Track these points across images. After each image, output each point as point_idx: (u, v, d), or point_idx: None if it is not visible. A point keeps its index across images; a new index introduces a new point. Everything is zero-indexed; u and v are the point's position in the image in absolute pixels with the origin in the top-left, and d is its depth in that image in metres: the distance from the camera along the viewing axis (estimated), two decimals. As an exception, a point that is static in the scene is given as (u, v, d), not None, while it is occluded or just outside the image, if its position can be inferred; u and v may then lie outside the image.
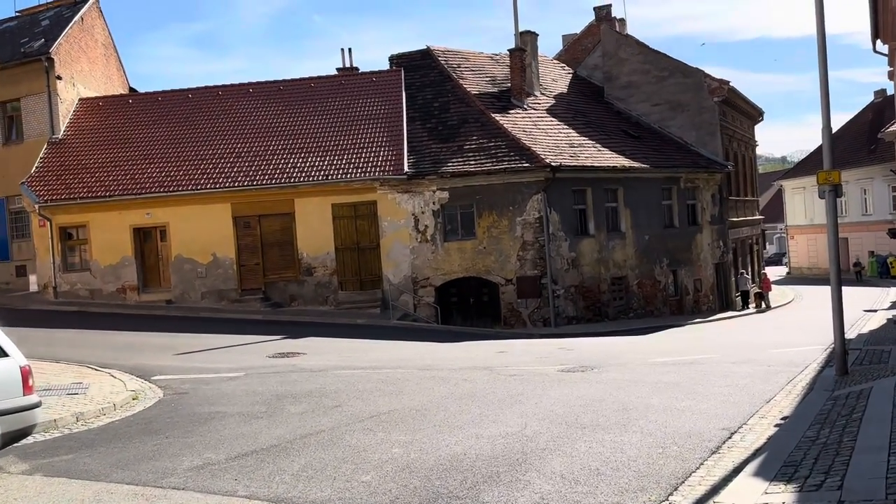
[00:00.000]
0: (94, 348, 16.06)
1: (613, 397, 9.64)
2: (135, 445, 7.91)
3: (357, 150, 24.20)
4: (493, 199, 23.25)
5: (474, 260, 23.39)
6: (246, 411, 9.69)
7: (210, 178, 24.20)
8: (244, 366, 13.89)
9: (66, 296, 25.08)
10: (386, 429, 8.19)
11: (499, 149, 23.80)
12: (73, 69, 29.45)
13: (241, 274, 24.05)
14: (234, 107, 27.50)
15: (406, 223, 23.44)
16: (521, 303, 23.33)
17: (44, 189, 25.01)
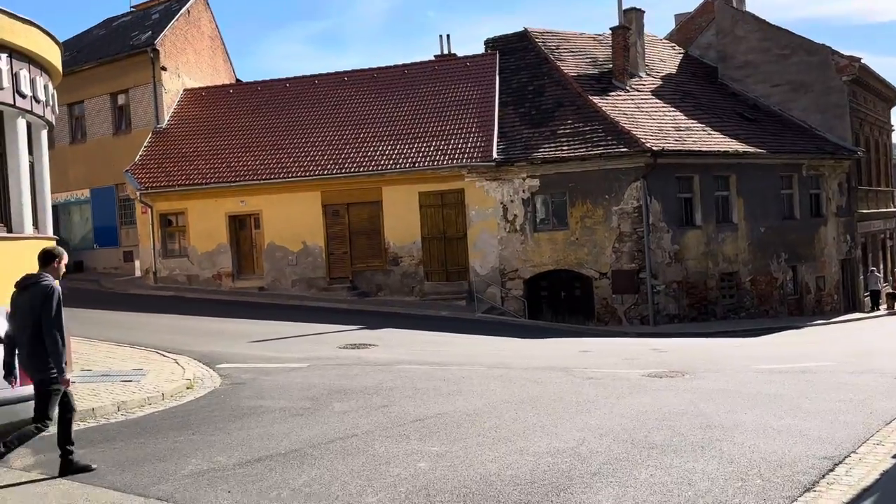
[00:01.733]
0: (175, 333, 16.08)
1: (698, 411, 8.28)
2: (154, 442, 7.36)
3: (446, 137, 23.38)
4: (587, 186, 21.82)
5: (566, 252, 22.06)
6: (290, 407, 9.04)
7: (301, 167, 24.09)
8: (312, 356, 13.37)
9: (165, 281, 25.73)
10: (423, 436, 7.26)
11: (595, 133, 22.33)
12: (178, 60, 30.25)
13: (329, 262, 23.82)
14: (329, 95, 27.36)
15: (494, 212, 22.41)
16: (616, 298, 21.82)
17: (146, 177, 25.72)
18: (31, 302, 5.78)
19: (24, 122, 10.40)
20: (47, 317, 5.70)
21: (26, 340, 5.79)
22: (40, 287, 5.82)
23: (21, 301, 5.90)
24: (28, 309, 5.78)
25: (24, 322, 5.81)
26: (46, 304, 5.72)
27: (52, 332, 5.68)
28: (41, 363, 5.73)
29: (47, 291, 5.78)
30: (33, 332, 5.74)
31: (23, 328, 5.82)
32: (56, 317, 5.74)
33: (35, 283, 5.90)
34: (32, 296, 5.81)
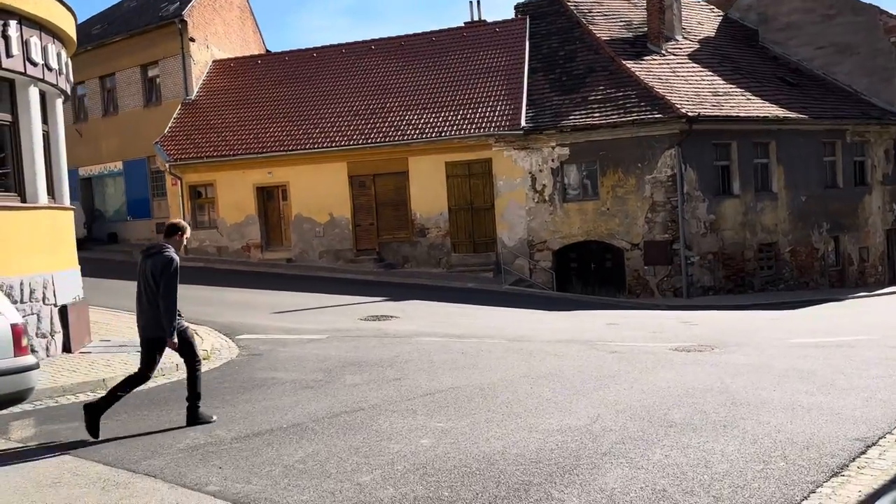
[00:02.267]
0: (199, 304, 16.02)
1: (723, 387, 7.86)
2: (158, 414, 7.24)
3: (473, 106, 22.87)
4: (618, 155, 21.17)
5: (596, 222, 21.51)
6: (302, 379, 8.87)
7: (327, 137, 23.83)
8: (332, 328, 13.21)
9: (195, 252, 25.82)
10: (431, 411, 6.99)
11: (628, 99, 21.60)
12: (206, 31, 30.11)
13: (356, 234, 23.63)
14: (356, 64, 26.97)
15: (522, 182, 21.92)
16: (648, 270, 21.25)
17: (174, 149, 25.74)
18: (153, 269, 6.41)
19: (37, 91, 10.27)
20: (164, 283, 6.35)
21: (145, 302, 6.46)
22: (162, 256, 6.44)
23: (144, 267, 6.51)
24: (149, 274, 6.41)
25: (146, 285, 6.46)
26: (165, 271, 6.36)
27: (166, 297, 6.35)
28: (155, 323, 6.42)
29: (167, 261, 6.41)
30: (151, 296, 6.40)
31: (142, 291, 6.49)
32: (171, 284, 6.38)
33: (158, 252, 6.51)
34: (154, 264, 6.43)
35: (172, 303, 6.38)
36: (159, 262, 6.41)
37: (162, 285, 6.35)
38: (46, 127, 11.02)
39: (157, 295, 6.35)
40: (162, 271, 6.36)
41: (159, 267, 6.39)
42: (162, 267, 6.38)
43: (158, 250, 6.53)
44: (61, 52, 10.88)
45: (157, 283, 6.36)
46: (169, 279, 6.35)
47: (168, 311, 6.37)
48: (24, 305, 9.62)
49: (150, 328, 6.50)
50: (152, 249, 6.61)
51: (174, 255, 6.50)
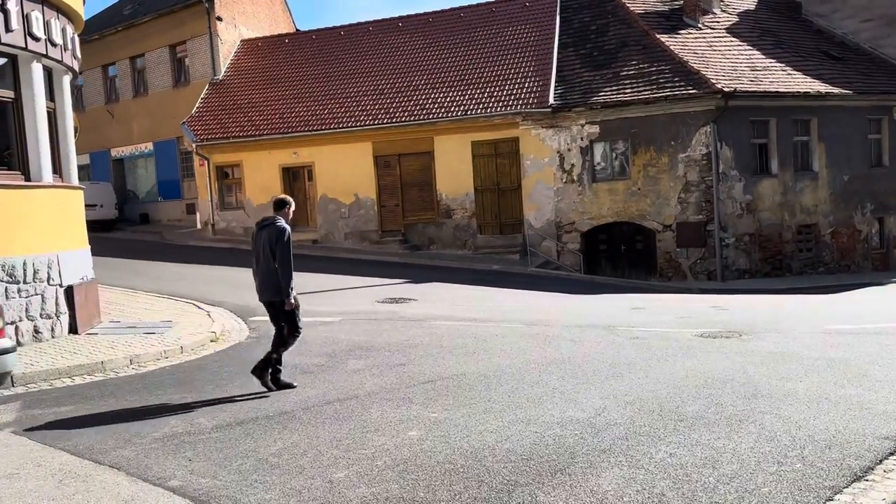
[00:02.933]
0: (220, 285, 15.95)
1: (746, 377, 7.33)
2: (147, 399, 7.00)
3: (500, 83, 22.27)
4: (651, 132, 20.41)
5: (627, 203, 20.83)
6: (303, 363, 8.57)
7: (352, 116, 23.48)
8: (347, 310, 12.92)
9: (222, 233, 25.83)
10: (428, 400, 6.61)
11: (661, 74, 20.79)
12: (234, 10, 29.93)
13: (381, 215, 23.30)
14: (382, 42, 26.53)
15: (550, 162, 21.31)
16: (681, 252, 20.52)
17: (201, 129, 25.66)
18: (268, 238, 7.02)
19: (41, 67, 10.05)
20: (280, 251, 6.95)
21: (263, 268, 7.06)
22: (275, 227, 7.07)
23: (259, 237, 7.12)
24: (265, 244, 7.02)
25: (263, 253, 7.06)
26: (279, 240, 6.97)
27: (283, 263, 6.96)
28: (276, 287, 7.01)
29: (280, 231, 7.03)
30: (268, 263, 7.01)
31: (260, 258, 7.10)
32: (286, 251, 7.00)
33: (271, 223, 7.14)
34: (269, 234, 7.05)
35: (289, 267, 6.99)
36: (274, 233, 7.01)
37: (278, 253, 6.95)
38: (53, 104, 10.84)
39: (274, 261, 6.94)
40: (277, 240, 6.97)
41: (274, 236, 6.99)
42: (277, 236, 6.98)
43: (271, 222, 7.13)
44: (66, 27, 10.65)
45: (274, 251, 6.96)
46: (284, 247, 6.97)
47: (286, 275, 6.96)
48: (26, 286, 9.48)
49: (268, 292, 7.11)
50: (265, 221, 7.22)
51: (286, 225, 7.12)
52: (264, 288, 7.15)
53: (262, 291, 7.19)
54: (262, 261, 7.09)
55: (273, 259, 6.97)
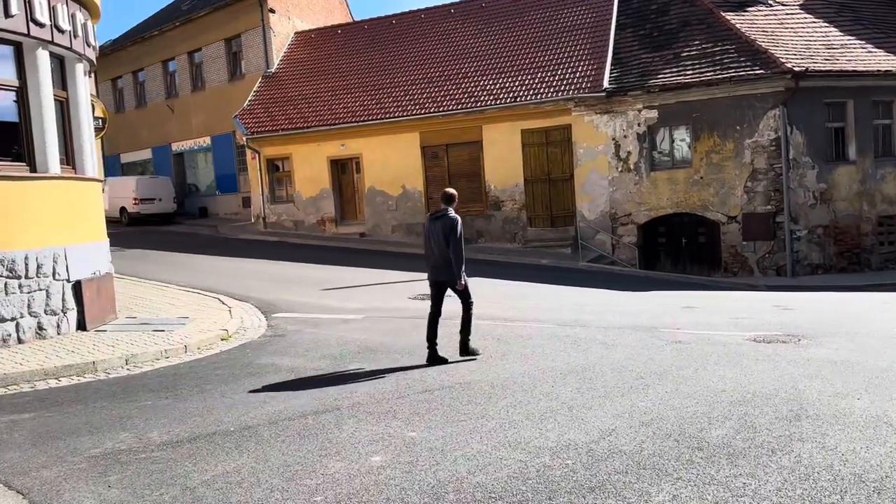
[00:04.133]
0: (255, 280, 15.55)
1: (793, 393, 6.26)
2: (113, 407, 6.45)
3: (552, 68, 21.19)
4: (714, 117, 18.99)
5: (688, 193, 19.46)
6: (302, 367, 7.95)
7: (400, 106, 22.83)
8: (374, 307, 12.27)
9: (273, 226, 25.66)
10: (414, 414, 5.84)
11: (725, 54, 19.31)
12: (288, 2, 29.74)
13: (428, 207, 22.54)
14: (434, 30, 25.79)
15: (605, 149, 20.11)
16: (747, 246, 19.05)
17: (252, 122, 25.50)
18: (442, 228, 7.90)
19: (47, 55, 9.71)
20: (453, 239, 7.85)
21: (439, 254, 7.94)
22: (448, 218, 7.94)
23: (434, 228, 8.00)
24: (440, 233, 7.90)
25: (437, 242, 7.95)
26: (452, 230, 7.86)
27: (456, 250, 7.88)
28: (449, 270, 7.94)
29: (453, 221, 7.92)
30: (444, 249, 7.88)
31: (435, 246, 7.98)
32: (459, 239, 7.90)
33: (443, 215, 7.99)
34: (443, 224, 7.92)
35: (461, 254, 7.92)
36: (448, 223, 7.88)
37: (451, 241, 7.83)
38: (65, 93, 10.51)
39: (448, 249, 7.82)
40: (451, 230, 7.84)
41: (448, 227, 7.86)
42: (450, 227, 7.85)
43: (443, 213, 7.99)
44: (77, 13, 10.30)
45: (447, 239, 7.83)
46: (456, 235, 7.85)
47: (458, 261, 7.89)
48: (28, 281, 9.15)
49: (444, 273, 8.00)
50: (438, 213, 8.05)
51: (457, 216, 7.99)
52: (437, 271, 8.07)
53: (435, 273, 8.10)
54: (436, 247, 7.96)
55: (447, 246, 7.84)
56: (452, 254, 7.86)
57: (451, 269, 7.92)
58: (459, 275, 7.95)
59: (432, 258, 8.08)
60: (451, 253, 7.86)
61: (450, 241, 7.84)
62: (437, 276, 8.12)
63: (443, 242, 7.88)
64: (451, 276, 7.95)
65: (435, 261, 8.05)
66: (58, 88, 10.35)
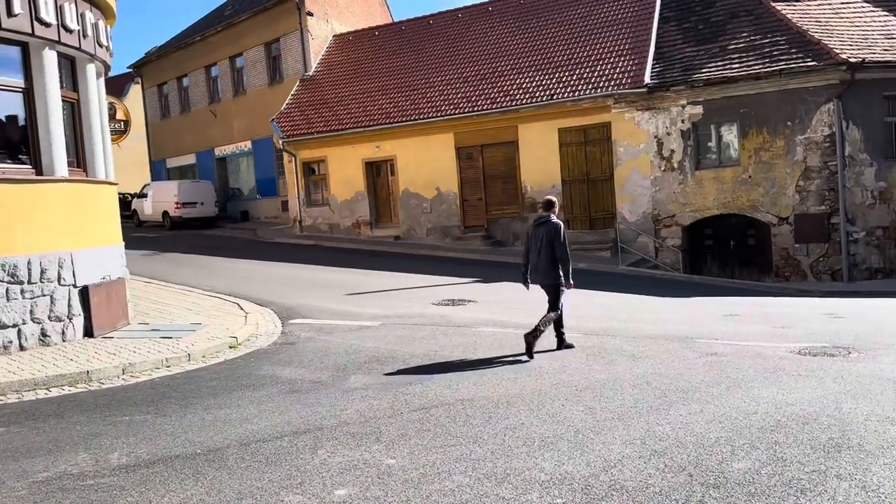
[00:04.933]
0: (280, 284, 15.23)
1: (836, 416, 5.50)
2: (90, 422, 6.07)
3: (591, 63, 20.39)
4: (763, 112, 17.94)
5: (736, 192, 18.43)
6: (301, 379, 7.49)
7: (434, 107, 22.33)
8: (394, 313, 11.75)
9: (309, 230, 25.45)
10: (399, 438, 5.28)
11: (775, 46, 18.25)
12: (326, 5, 29.57)
13: (464, 209, 22.01)
14: (471, 29, 25.23)
15: (646, 148, 19.23)
16: (800, 249, 17.93)
17: (288, 125, 25.35)
18: (546, 234, 8.31)
19: (54, 55, 9.48)
20: (558, 243, 8.29)
21: (544, 258, 8.32)
22: (552, 224, 8.37)
23: (538, 233, 8.43)
24: (544, 238, 8.32)
25: (540, 246, 8.37)
26: (556, 235, 8.29)
27: (562, 253, 8.31)
28: (554, 273, 8.35)
29: (557, 226, 8.36)
30: (548, 253, 8.32)
31: (539, 251, 8.39)
32: (564, 243, 8.32)
33: (547, 221, 8.42)
34: (547, 229, 8.33)
35: (567, 256, 8.35)
36: (552, 228, 8.32)
37: (557, 246, 8.27)
38: (76, 95, 10.30)
39: (553, 253, 8.25)
40: (555, 235, 8.27)
41: (552, 231, 8.29)
42: (555, 231, 8.29)
43: (547, 219, 8.42)
44: (87, 12, 10.06)
45: (552, 243, 8.25)
46: (561, 239, 8.26)
47: (565, 263, 8.32)
48: (31, 286, 8.91)
49: (549, 277, 8.39)
50: (542, 219, 8.49)
51: (560, 222, 8.45)
52: (542, 274, 8.44)
53: (541, 277, 8.47)
54: (541, 252, 8.34)
55: (551, 250, 8.26)
56: (559, 257, 8.30)
57: (556, 271, 8.33)
58: (568, 276, 8.40)
59: (537, 262, 8.46)
60: (558, 256, 8.29)
61: (555, 245, 8.28)
62: (543, 280, 8.48)
63: (547, 247, 8.30)
64: (557, 279, 8.36)
65: (540, 265, 8.43)
66: (68, 90, 10.15)
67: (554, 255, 8.28)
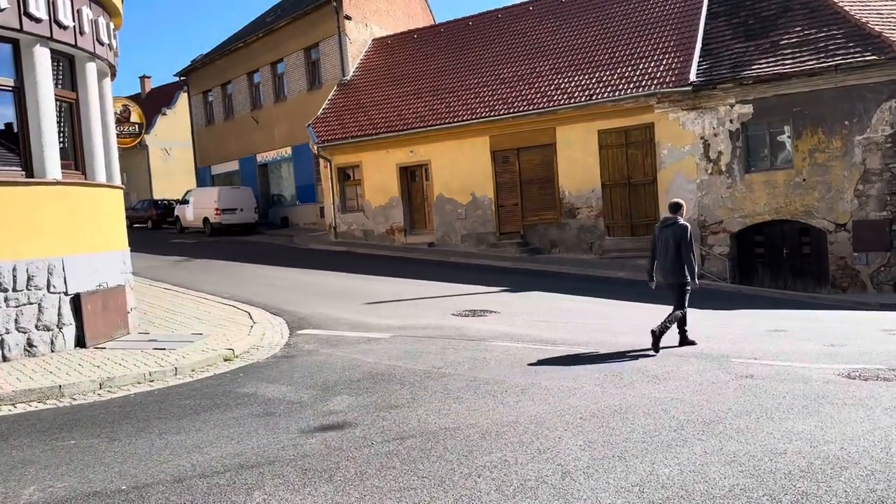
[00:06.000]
0: (300, 292, 14.73)
1: (884, 458, 4.55)
2: (35, 445, 5.53)
3: (633, 62, 19.39)
4: (818, 111, 16.68)
5: (789, 197, 17.17)
6: (283, 398, 6.86)
7: (469, 109, 21.61)
8: (408, 324, 11.06)
9: (343, 236, 25.00)
10: (354, 477, 4.55)
11: (831, 40, 16.96)
12: (365, 9, 29.19)
13: (499, 215, 21.20)
14: (510, 29, 24.48)
15: (692, 150, 18.11)
16: (859, 258, 16.57)
17: (324, 130, 24.98)
18: (673, 235, 8.66)
19: (47, 52, 9.09)
20: (685, 244, 8.63)
21: (671, 258, 8.70)
22: (679, 226, 8.69)
23: (664, 234, 8.79)
24: (671, 239, 8.68)
25: (666, 247, 8.74)
26: (683, 236, 8.63)
27: (688, 254, 8.67)
28: (680, 272, 8.70)
29: (684, 228, 8.68)
30: (675, 254, 8.66)
31: (665, 251, 8.76)
32: (690, 244, 8.65)
33: (673, 223, 8.75)
34: (673, 231, 8.68)
35: (692, 258, 8.72)
36: (679, 230, 8.65)
37: (683, 247, 8.62)
38: (75, 94, 9.91)
39: (679, 253, 8.62)
40: (681, 237, 8.61)
41: (679, 233, 8.63)
42: (681, 233, 8.63)
43: (673, 221, 8.74)
44: (84, 8, 9.67)
45: (678, 245, 8.61)
46: (687, 240, 8.61)
47: (690, 264, 8.69)
48: (17, 294, 8.49)
49: (674, 276, 8.76)
50: (668, 222, 8.81)
51: (686, 223, 8.74)
52: (667, 273, 8.84)
53: (665, 276, 8.88)
54: (667, 253, 8.72)
55: (677, 251, 8.62)
56: (685, 258, 8.63)
57: (682, 272, 8.66)
58: (694, 277, 8.73)
59: (663, 262, 8.82)
60: (684, 257, 8.63)
61: (681, 246, 8.60)
62: (668, 279, 8.86)
63: (673, 248, 8.64)
64: (682, 278, 8.69)
65: (666, 264, 8.79)
66: (66, 89, 9.78)
67: (680, 256, 8.62)
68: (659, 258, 8.89)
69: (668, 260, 8.73)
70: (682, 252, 8.60)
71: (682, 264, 8.63)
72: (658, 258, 8.90)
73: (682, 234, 8.58)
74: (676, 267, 8.67)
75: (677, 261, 8.65)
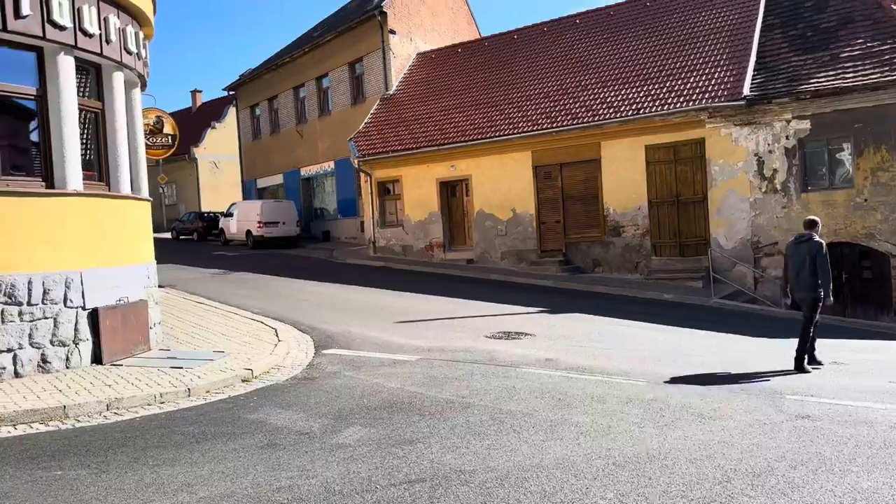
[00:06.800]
0: (332, 309, 14.36)
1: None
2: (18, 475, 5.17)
3: (683, 75, 18.63)
4: (881, 127, 15.69)
5: (849, 218, 16.16)
6: (291, 427, 6.42)
7: (511, 123, 21.08)
8: (440, 346, 10.55)
9: (382, 251, 24.66)
10: (350, 529, 4.01)
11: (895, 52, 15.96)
12: (410, 23, 28.99)
13: (540, 232, 20.56)
14: (556, 42, 23.92)
15: (745, 167, 17.23)
16: (927, 283, 15.45)
17: (365, 144, 24.74)
18: (808, 251, 8.91)
19: (71, 60, 8.89)
20: (820, 259, 8.84)
21: (806, 275, 8.92)
22: (815, 242, 8.95)
23: (799, 249, 9.05)
24: (806, 254, 8.92)
25: (802, 263, 8.96)
26: (819, 251, 8.88)
27: (824, 271, 8.87)
28: (814, 287, 8.92)
29: (819, 244, 8.93)
30: (810, 269, 8.88)
31: (800, 267, 8.98)
32: (825, 260, 8.84)
33: (808, 239, 9.02)
34: (808, 247, 8.95)
35: (829, 274, 8.89)
36: (815, 246, 8.91)
37: (819, 262, 8.83)
38: (101, 104, 9.71)
39: (815, 268, 8.83)
40: (817, 253, 8.86)
41: (815, 250, 8.88)
42: (817, 250, 8.88)
43: (808, 238, 9.03)
44: (111, 16, 9.47)
45: (814, 261, 8.83)
46: (823, 258, 8.83)
47: (826, 281, 8.88)
48: (31, 308, 8.24)
49: (808, 291, 8.97)
50: (803, 237, 9.10)
51: (822, 240, 9.01)
52: (802, 288, 9.01)
53: (801, 291, 9.04)
54: (803, 268, 8.92)
55: (811, 267, 8.85)
56: (821, 274, 8.82)
57: (816, 287, 8.86)
58: (829, 293, 8.92)
59: (797, 278, 9.02)
60: (819, 272, 8.82)
61: (817, 261, 8.81)
62: (801, 293, 9.04)
63: (809, 263, 8.85)
64: (816, 294, 8.89)
65: (801, 280, 8.97)
66: (92, 98, 9.60)
67: (815, 271, 8.81)
68: (791, 274, 9.13)
69: (803, 276, 8.93)
70: (818, 267, 8.78)
71: (818, 280, 8.81)
72: (791, 274, 9.15)
73: (818, 250, 8.83)
74: (812, 282, 8.86)
75: (812, 276, 8.84)
